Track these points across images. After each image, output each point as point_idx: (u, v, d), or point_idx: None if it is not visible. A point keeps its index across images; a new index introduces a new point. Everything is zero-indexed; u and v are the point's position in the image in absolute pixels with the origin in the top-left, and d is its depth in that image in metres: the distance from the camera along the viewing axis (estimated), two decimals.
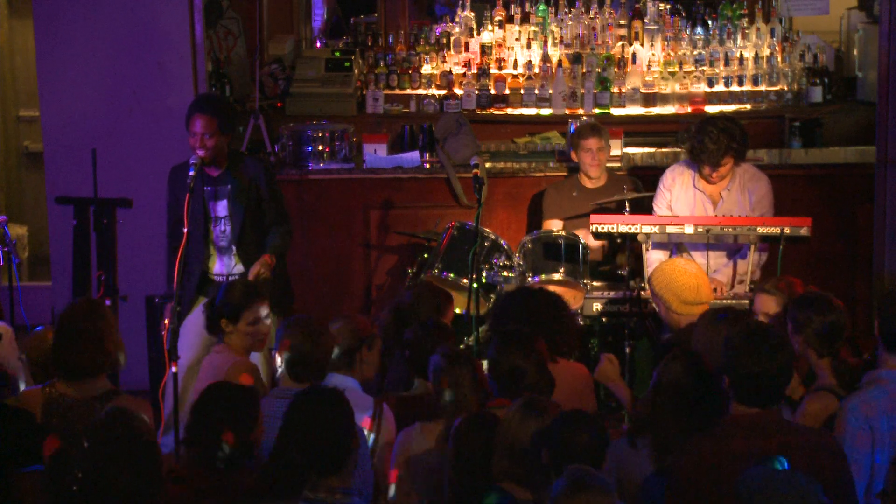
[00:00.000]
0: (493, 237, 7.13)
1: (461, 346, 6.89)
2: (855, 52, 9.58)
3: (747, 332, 4.24)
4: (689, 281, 5.83)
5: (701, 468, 4.12)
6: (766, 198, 6.90)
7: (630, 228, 6.66)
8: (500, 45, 9.46)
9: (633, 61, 9.29)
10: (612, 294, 6.92)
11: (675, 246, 7.01)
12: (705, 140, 6.66)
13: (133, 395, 5.25)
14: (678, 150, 8.50)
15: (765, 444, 4.14)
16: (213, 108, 6.60)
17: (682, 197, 6.92)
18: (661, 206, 6.98)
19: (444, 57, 9.48)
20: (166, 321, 6.25)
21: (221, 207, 6.64)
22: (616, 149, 8.12)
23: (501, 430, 4.46)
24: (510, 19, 9.56)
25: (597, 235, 6.83)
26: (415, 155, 8.25)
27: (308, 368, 5.03)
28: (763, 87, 9.30)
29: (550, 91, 9.21)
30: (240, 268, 6.67)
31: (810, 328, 4.95)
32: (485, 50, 9.44)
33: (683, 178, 6.93)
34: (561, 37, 9.51)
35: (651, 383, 4.60)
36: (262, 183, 6.69)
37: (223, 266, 6.69)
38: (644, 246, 6.70)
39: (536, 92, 9.24)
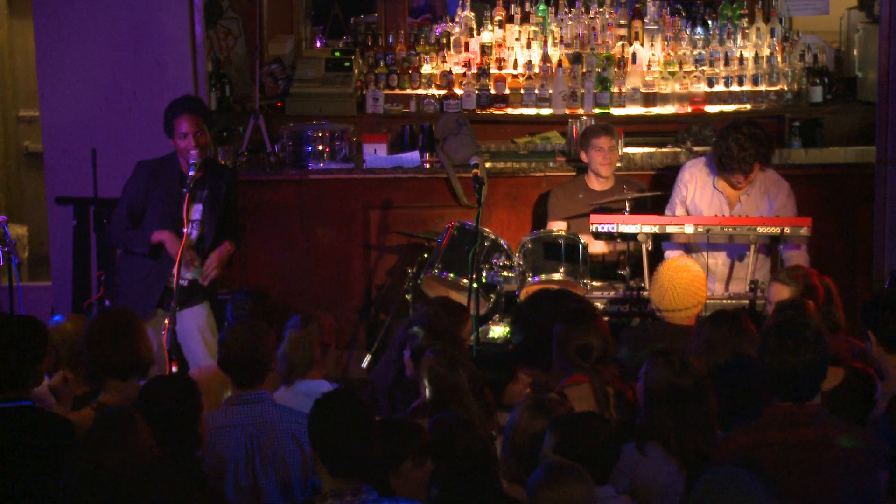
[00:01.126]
0: (493, 237, 7.13)
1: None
2: (855, 52, 9.58)
3: (779, 326, 4.25)
4: (664, 286, 5.75)
5: (739, 458, 4.14)
6: (788, 204, 6.85)
7: (630, 228, 6.66)
8: (500, 45, 9.46)
9: (633, 61, 9.29)
10: (612, 294, 6.92)
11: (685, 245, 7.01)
12: (733, 147, 6.60)
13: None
14: (678, 150, 8.50)
15: (803, 435, 4.14)
16: (199, 107, 6.57)
17: (699, 195, 6.89)
18: (676, 201, 6.96)
19: (444, 57, 9.48)
20: (166, 321, 6.25)
21: (196, 211, 6.50)
22: (618, 148, 8.12)
23: (509, 432, 4.45)
24: (510, 19, 9.56)
25: (597, 235, 6.83)
26: (415, 155, 8.25)
27: (246, 374, 5.00)
28: (763, 87, 9.30)
29: (550, 91, 9.21)
30: (195, 273, 6.53)
31: None
32: (485, 50, 9.44)
33: (702, 176, 6.90)
34: (561, 37, 9.51)
35: (641, 393, 4.60)
36: (232, 193, 6.63)
37: (184, 270, 6.42)
38: (644, 246, 6.70)
39: (536, 92, 9.24)
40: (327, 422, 4.07)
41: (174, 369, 5.98)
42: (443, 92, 9.30)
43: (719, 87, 9.30)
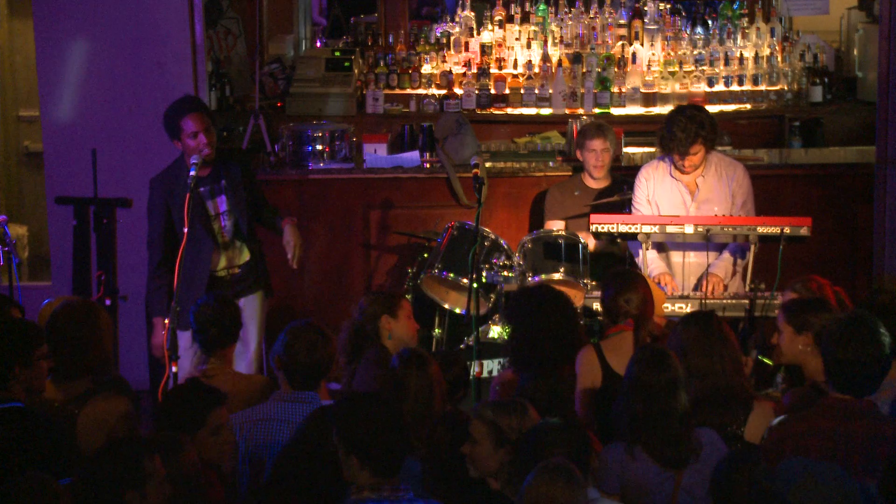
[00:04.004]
0: (493, 237, 7.13)
1: (461, 346, 6.91)
2: (855, 52, 9.58)
3: (844, 321, 4.30)
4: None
5: (786, 442, 4.19)
6: (744, 183, 6.88)
7: (630, 228, 6.66)
8: (500, 45, 9.46)
9: (633, 61, 9.29)
10: None
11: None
12: (674, 129, 6.66)
13: (116, 391, 5.23)
14: None
15: (853, 428, 4.15)
16: (202, 105, 6.57)
17: (659, 189, 6.91)
18: (640, 200, 6.97)
19: (444, 57, 9.49)
20: (166, 321, 6.25)
21: (221, 203, 6.53)
22: (616, 147, 8.11)
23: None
24: (510, 19, 9.57)
25: (597, 235, 6.82)
26: (415, 155, 8.25)
27: (304, 377, 5.01)
28: (763, 87, 9.30)
29: (550, 91, 9.21)
30: (244, 258, 6.61)
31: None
32: (485, 50, 9.44)
33: (659, 171, 6.93)
34: (561, 36, 9.51)
35: (623, 389, 4.62)
36: (249, 176, 6.65)
37: (228, 260, 6.60)
38: (644, 246, 6.70)
39: (536, 92, 9.24)
40: (366, 422, 4.05)
41: (174, 369, 5.98)
42: (443, 92, 9.30)
43: (719, 87, 9.30)
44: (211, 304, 5.54)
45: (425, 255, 7.40)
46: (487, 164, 8.00)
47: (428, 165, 8.22)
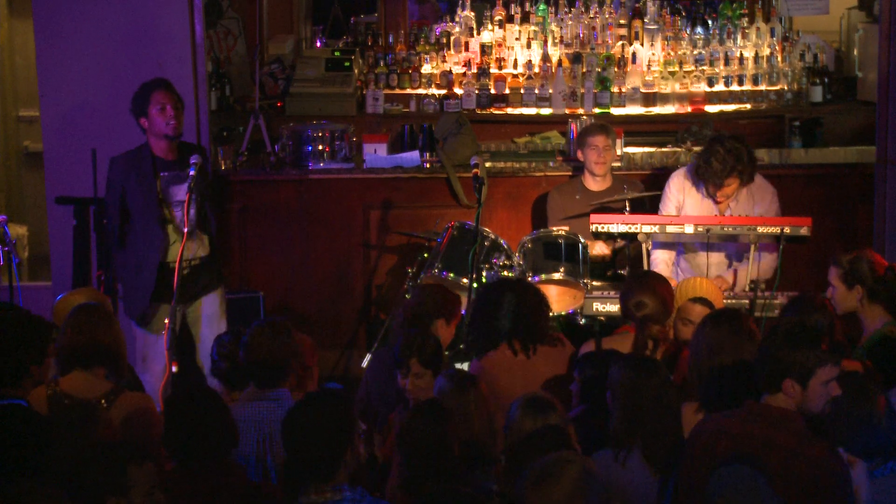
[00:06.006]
0: (493, 237, 7.13)
1: (460, 347, 6.90)
2: (855, 52, 9.59)
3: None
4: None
5: (698, 443, 4.18)
6: (771, 209, 6.87)
7: (630, 228, 6.66)
8: (500, 45, 9.47)
9: (633, 61, 9.29)
10: (612, 294, 6.91)
11: (681, 246, 7.02)
12: (712, 160, 6.67)
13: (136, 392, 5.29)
14: (678, 149, 8.51)
15: (779, 438, 4.10)
16: (173, 87, 6.57)
17: (691, 203, 6.93)
18: (669, 209, 6.98)
19: (444, 57, 9.49)
20: (167, 321, 6.26)
21: (182, 191, 6.42)
22: (616, 148, 8.12)
23: (510, 433, 4.47)
24: (510, 19, 9.57)
25: (597, 235, 6.82)
26: (415, 155, 8.25)
27: (267, 375, 5.00)
28: (763, 87, 9.31)
29: (550, 91, 9.21)
30: (204, 250, 6.60)
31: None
32: (485, 50, 9.45)
33: (689, 185, 6.94)
34: (561, 36, 9.51)
35: (608, 397, 4.63)
36: (207, 171, 6.64)
37: (189, 251, 6.49)
38: (644, 246, 6.70)
39: (536, 92, 9.24)
40: (300, 429, 4.04)
41: (174, 369, 5.99)
42: (443, 92, 9.30)
43: (719, 87, 9.30)
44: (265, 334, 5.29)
45: (425, 255, 7.40)
46: (487, 164, 8.00)
47: (428, 165, 8.22)
